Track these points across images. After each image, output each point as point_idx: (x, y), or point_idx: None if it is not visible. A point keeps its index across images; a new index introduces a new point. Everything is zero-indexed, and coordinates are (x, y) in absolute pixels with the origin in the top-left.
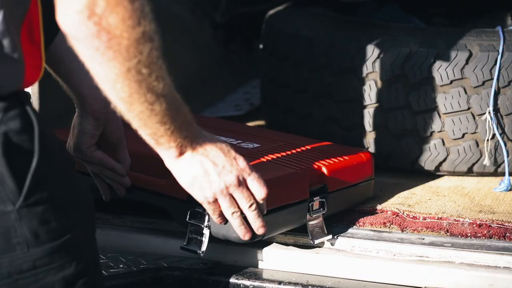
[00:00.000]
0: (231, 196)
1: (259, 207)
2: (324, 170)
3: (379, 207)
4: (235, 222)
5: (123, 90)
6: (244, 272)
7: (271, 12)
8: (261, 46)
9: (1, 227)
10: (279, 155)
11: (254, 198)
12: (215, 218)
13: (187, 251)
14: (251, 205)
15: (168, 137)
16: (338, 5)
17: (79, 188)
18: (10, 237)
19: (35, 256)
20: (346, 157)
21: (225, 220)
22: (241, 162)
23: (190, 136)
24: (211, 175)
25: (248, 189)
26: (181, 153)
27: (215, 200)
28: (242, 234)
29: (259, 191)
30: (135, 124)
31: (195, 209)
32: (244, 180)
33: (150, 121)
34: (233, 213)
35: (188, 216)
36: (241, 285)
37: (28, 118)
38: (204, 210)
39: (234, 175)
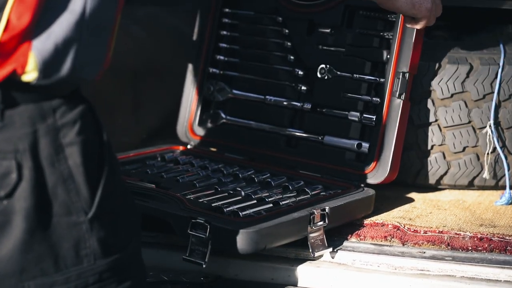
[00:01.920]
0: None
1: None
2: None
3: (380, 220)
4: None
5: None
6: (245, 286)
7: None
8: None
9: (72, 238)
10: None
11: None
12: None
13: (189, 262)
14: None
15: None
16: None
17: (133, 202)
18: (79, 249)
19: (100, 269)
20: None
21: None
22: None
23: None
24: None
25: None
26: None
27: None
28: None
29: None
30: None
31: (197, 220)
32: None
33: None
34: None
35: (189, 227)
36: None
37: (99, 126)
38: (205, 220)
39: None
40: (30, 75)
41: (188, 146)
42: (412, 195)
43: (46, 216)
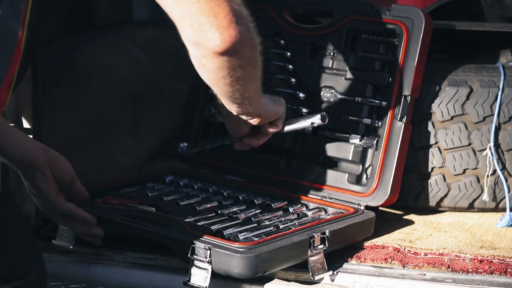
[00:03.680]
0: None
1: None
2: None
3: (380, 243)
4: None
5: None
6: None
7: None
8: None
9: None
10: None
11: None
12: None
13: (190, 287)
14: None
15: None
16: None
17: (31, 234)
18: None
19: None
20: None
21: None
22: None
23: None
24: None
25: None
26: None
27: None
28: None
29: None
30: (249, 105)
31: (197, 245)
32: None
33: (259, 97)
34: None
35: (190, 252)
36: None
37: None
38: (205, 245)
39: None
40: None
41: (189, 168)
42: (413, 217)
43: None
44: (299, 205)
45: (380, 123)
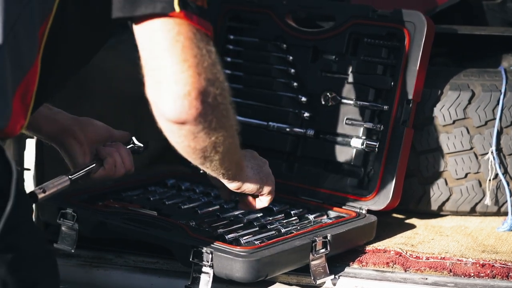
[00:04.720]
0: None
1: None
2: None
3: (382, 247)
4: None
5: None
6: None
7: None
8: None
9: None
10: None
11: None
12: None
13: None
14: None
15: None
16: None
17: (45, 243)
18: None
19: None
20: None
21: None
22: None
23: None
24: None
25: None
26: None
27: None
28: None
29: None
30: (231, 173)
31: (198, 249)
32: None
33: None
34: None
35: (191, 256)
36: None
37: (7, 162)
38: (207, 250)
39: None
40: None
41: (190, 172)
42: (414, 221)
43: None
44: (301, 209)
45: (382, 127)
